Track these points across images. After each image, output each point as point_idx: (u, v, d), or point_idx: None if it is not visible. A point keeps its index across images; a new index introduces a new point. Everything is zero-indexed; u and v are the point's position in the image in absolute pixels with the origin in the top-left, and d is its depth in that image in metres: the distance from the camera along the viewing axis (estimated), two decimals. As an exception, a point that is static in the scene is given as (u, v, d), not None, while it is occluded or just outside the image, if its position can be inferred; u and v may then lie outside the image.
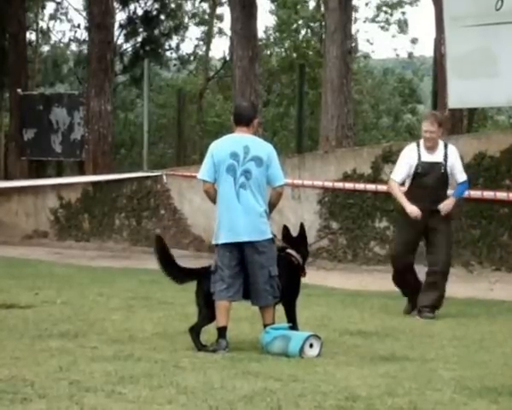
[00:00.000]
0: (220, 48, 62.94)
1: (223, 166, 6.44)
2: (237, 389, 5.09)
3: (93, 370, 5.50)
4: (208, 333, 6.53)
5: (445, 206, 8.10)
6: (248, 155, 6.45)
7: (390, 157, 12.52)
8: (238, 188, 6.42)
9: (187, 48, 50.23)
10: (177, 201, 14.43)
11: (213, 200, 6.58)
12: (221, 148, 6.53)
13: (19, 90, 17.59)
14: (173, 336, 6.49)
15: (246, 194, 6.42)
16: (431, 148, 8.06)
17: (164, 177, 14.57)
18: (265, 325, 6.47)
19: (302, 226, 6.92)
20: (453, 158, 8.15)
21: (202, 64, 28.18)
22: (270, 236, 6.53)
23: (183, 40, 26.19)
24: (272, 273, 6.47)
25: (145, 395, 4.91)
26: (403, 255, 8.24)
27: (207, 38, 28.11)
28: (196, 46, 28.25)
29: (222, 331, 6.39)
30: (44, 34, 27.66)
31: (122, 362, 5.78)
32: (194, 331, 6.41)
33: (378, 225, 12.64)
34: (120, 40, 24.10)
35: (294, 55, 26.49)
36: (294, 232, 6.85)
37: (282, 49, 27.82)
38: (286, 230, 6.87)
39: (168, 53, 25.98)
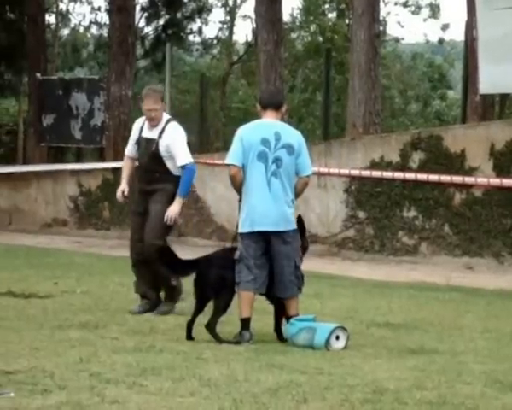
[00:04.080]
0: (244, 32, 62.61)
1: (253, 153, 6.31)
2: (262, 381, 5.01)
3: (114, 361, 5.43)
4: (232, 324, 6.41)
5: (170, 213, 7.23)
6: (280, 142, 6.32)
7: (419, 144, 12.37)
8: (270, 176, 6.30)
9: (210, 32, 50.16)
10: (200, 189, 14.29)
11: (238, 186, 6.42)
12: (251, 133, 6.39)
13: (38, 75, 17.47)
14: (196, 328, 6.39)
15: (276, 182, 6.31)
16: (154, 125, 7.46)
17: (186, 164, 14.41)
18: (290, 317, 6.37)
19: (300, 218, 6.71)
20: (170, 137, 7.35)
21: (225, 48, 28.00)
22: (296, 226, 6.43)
23: (205, 24, 25.99)
24: (297, 264, 6.39)
25: (167, 387, 4.84)
26: (133, 245, 7.60)
27: (231, 22, 27.94)
28: (220, 29, 28.09)
29: (246, 323, 6.28)
30: (64, 17, 27.54)
31: (144, 354, 5.72)
32: (211, 326, 6.27)
33: (406, 215, 12.48)
34: (142, 23, 23.97)
35: (320, 39, 26.28)
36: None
37: (308, 34, 27.60)
38: None
39: (191, 37, 25.85)
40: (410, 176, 12.26)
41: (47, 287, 8.67)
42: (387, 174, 12.48)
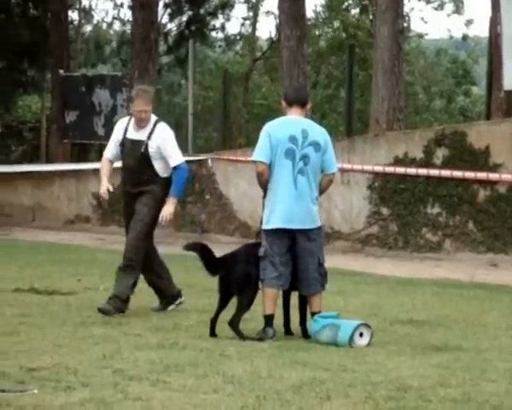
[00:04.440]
0: (267, 28, 62.43)
1: (280, 149, 6.30)
2: (285, 378, 5.01)
3: (137, 358, 5.44)
4: (255, 321, 6.39)
5: (164, 213, 7.14)
6: (307, 139, 6.31)
7: (443, 140, 12.29)
8: (296, 173, 6.29)
9: (233, 28, 50.05)
10: (223, 185, 14.28)
11: (265, 183, 6.40)
12: (279, 129, 6.37)
13: (61, 71, 17.49)
14: (219, 324, 6.38)
15: (303, 180, 6.30)
16: (142, 126, 7.20)
17: (209, 161, 14.42)
18: (313, 313, 6.37)
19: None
20: (160, 137, 7.15)
21: (248, 44, 27.95)
22: (320, 223, 6.43)
23: (228, 19, 25.91)
24: (321, 261, 6.39)
25: (190, 383, 4.84)
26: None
27: (254, 18, 27.88)
28: (242, 25, 28.00)
29: (269, 319, 6.28)
30: (87, 13, 27.54)
31: (167, 350, 5.72)
32: (235, 323, 6.26)
33: (430, 211, 12.40)
34: (165, 19, 23.94)
35: (344, 35, 26.16)
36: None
37: (331, 30, 27.49)
38: None
39: (214, 33, 25.80)
40: (433, 172, 12.18)
41: (70, 284, 8.68)
42: (411, 171, 12.40)
